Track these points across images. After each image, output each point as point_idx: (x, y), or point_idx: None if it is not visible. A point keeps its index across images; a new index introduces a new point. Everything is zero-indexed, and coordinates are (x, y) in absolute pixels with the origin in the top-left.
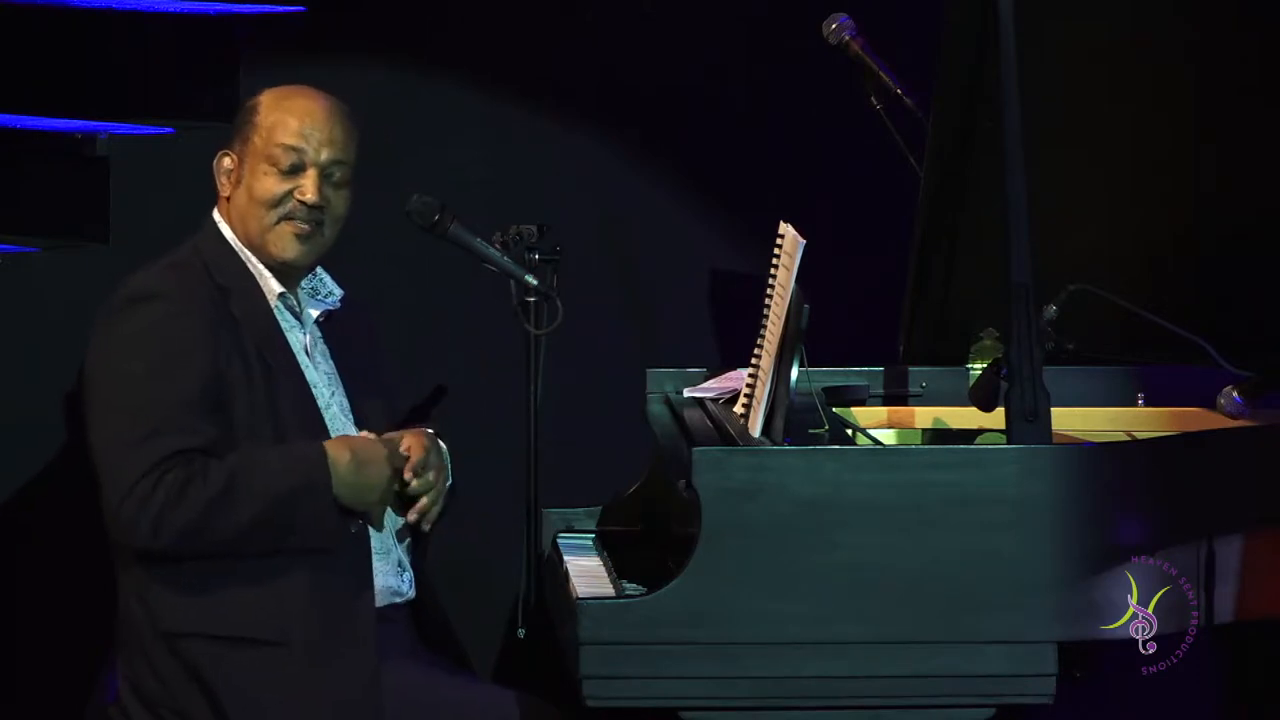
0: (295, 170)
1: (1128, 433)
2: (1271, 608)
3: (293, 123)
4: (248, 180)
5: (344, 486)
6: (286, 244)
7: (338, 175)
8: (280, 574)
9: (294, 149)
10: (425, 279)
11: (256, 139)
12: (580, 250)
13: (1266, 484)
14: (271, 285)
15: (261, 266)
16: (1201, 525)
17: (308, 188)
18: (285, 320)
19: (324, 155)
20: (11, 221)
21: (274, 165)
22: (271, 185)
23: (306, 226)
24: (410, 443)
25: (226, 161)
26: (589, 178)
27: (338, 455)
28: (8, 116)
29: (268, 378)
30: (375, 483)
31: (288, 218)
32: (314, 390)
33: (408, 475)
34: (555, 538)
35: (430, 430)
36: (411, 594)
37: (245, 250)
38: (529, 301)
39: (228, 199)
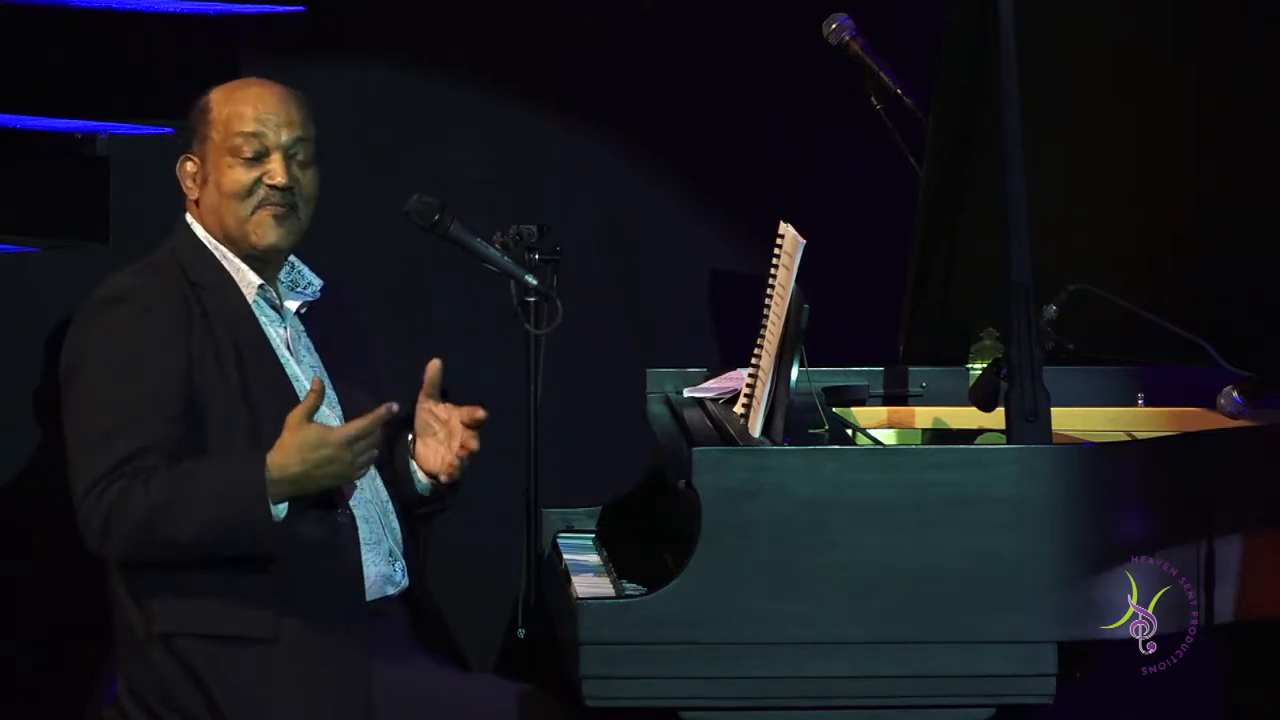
0: (259, 157)
1: (1128, 433)
2: (1271, 608)
3: (248, 111)
4: (214, 176)
5: (297, 489)
6: (266, 230)
7: (302, 154)
8: (270, 571)
9: (254, 135)
10: (425, 279)
11: (214, 134)
12: (580, 250)
13: (1266, 484)
14: (250, 279)
15: (239, 261)
16: (1201, 525)
17: (276, 171)
18: (265, 315)
19: (284, 136)
20: (11, 221)
21: (237, 156)
22: (239, 175)
23: (282, 209)
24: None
25: (189, 165)
26: (589, 178)
27: (282, 469)
28: (8, 116)
29: (243, 373)
30: (334, 471)
31: (262, 204)
32: (295, 384)
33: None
34: (555, 538)
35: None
36: (405, 582)
37: (221, 247)
38: (529, 301)
39: (196, 201)
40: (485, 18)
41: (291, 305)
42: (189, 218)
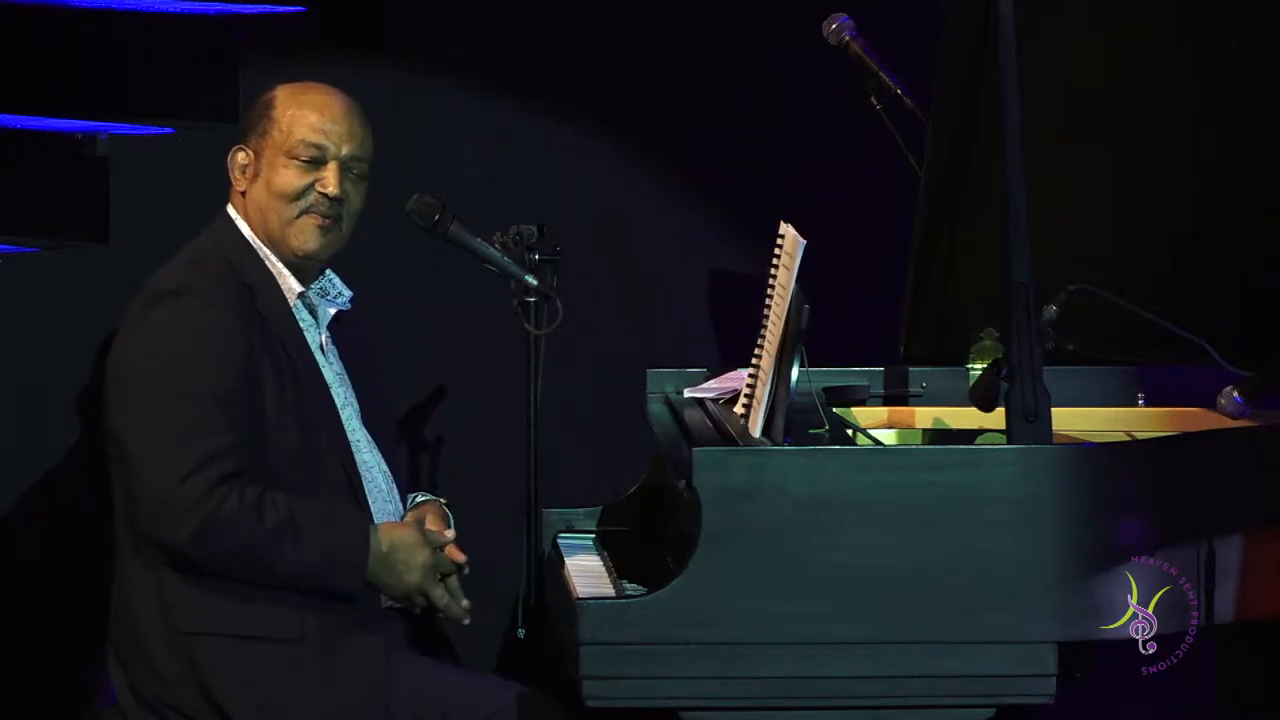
0: (316, 163)
1: (1128, 433)
2: (1271, 608)
3: (313, 117)
4: (266, 174)
5: (374, 572)
6: (308, 236)
7: (356, 170)
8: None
9: (315, 144)
10: (425, 279)
11: (275, 133)
12: (580, 250)
13: (1266, 484)
14: (291, 284)
15: (281, 265)
16: (1201, 525)
17: (330, 180)
18: (303, 319)
19: (345, 150)
20: (11, 221)
21: (295, 158)
22: (293, 178)
23: (328, 219)
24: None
25: (241, 157)
26: (589, 178)
27: (376, 541)
28: (8, 116)
29: (294, 377)
30: (414, 564)
31: (309, 210)
32: (331, 390)
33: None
34: (555, 538)
35: (443, 501)
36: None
37: (264, 248)
38: (529, 301)
39: (243, 194)
40: (485, 18)
41: (330, 312)
42: (232, 211)
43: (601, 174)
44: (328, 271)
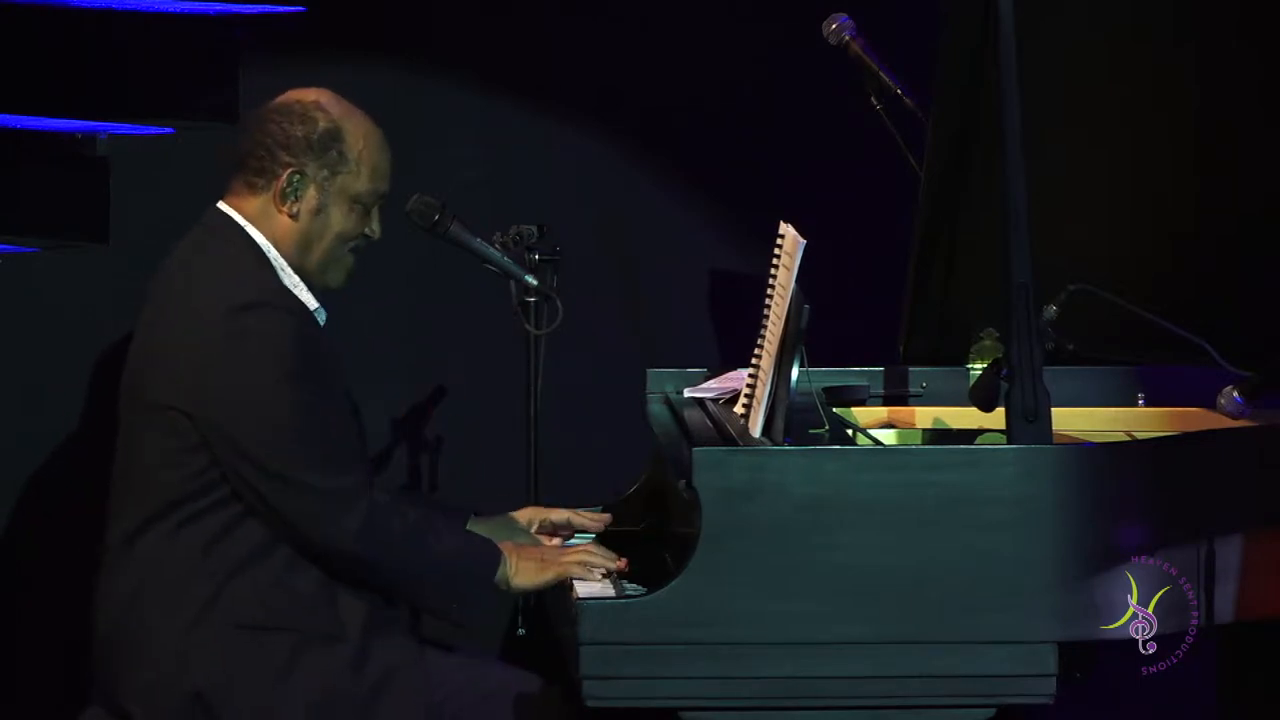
0: (371, 209)
1: (1128, 433)
2: (1271, 608)
3: (387, 168)
4: (332, 212)
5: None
6: (344, 273)
7: None
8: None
9: (383, 195)
10: (425, 279)
11: (348, 174)
12: (580, 250)
13: (1266, 484)
14: (310, 300)
15: (297, 279)
16: (1201, 525)
17: (377, 226)
18: None
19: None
20: (11, 221)
21: (362, 204)
22: (357, 223)
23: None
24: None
25: (296, 180)
26: (589, 178)
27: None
28: (8, 116)
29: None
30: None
31: (353, 249)
32: None
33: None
34: None
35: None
36: None
37: (286, 265)
38: (529, 301)
39: (292, 216)
40: (485, 18)
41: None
42: (242, 220)
43: (601, 174)
44: None
